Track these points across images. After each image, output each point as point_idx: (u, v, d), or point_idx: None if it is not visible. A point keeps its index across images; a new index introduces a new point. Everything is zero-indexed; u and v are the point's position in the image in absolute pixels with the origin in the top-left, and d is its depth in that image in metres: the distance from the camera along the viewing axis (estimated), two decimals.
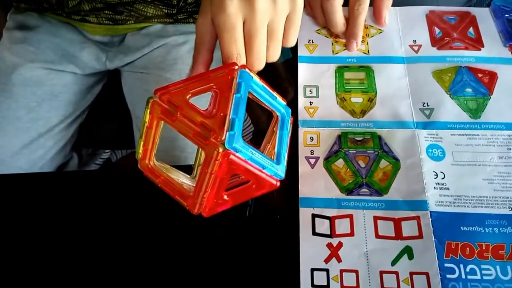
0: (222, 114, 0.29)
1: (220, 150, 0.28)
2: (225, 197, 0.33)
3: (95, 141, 0.80)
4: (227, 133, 0.28)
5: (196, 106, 0.31)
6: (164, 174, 0.34)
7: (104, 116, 0.76)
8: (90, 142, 0.80)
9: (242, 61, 0.34)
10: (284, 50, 0.81)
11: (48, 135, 0.67)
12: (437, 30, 0.47)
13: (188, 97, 0.31)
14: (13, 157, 0.63)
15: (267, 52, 0.36)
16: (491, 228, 0.36)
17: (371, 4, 0.46)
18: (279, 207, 0.40)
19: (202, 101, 0.34)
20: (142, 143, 0.33)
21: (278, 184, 0.33)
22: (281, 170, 0.33)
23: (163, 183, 0.33)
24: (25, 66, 0.65)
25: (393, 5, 0.48)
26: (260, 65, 0.36)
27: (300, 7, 0.36)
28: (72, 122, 0.71)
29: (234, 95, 0.30)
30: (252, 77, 0.32)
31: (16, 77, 0.64)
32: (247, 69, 0.32)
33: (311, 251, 0.36)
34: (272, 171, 0.32)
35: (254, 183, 0.32)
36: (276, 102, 0.35)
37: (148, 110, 0.31)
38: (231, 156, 0.29)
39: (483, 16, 0.48)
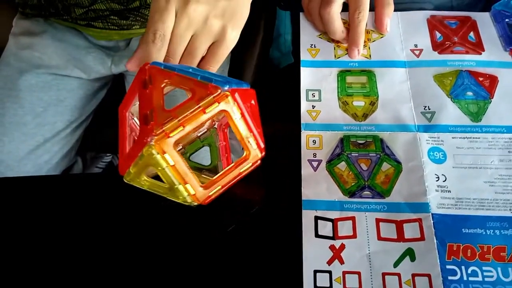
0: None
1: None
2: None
3: (98, 145, 0.81)
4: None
5: None
6: None
7: (108, 120, 0.77)
8: (94, 146, 0.81)
9: (165, 45, 0.36)
10: (285, 55, 0.82)
11: (54, 140, 0.68)
12: (438, 35, 0.48)
13: None
14: (20, 162, 0.64)
15: (181, 60, 0.38)
16: (492, 230, 0.37)
17: (372, 9, 0.47)
18: (281, 209, 0.40)
19: None
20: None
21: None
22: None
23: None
24: (32, 72, 0.66)
25: (394, 10, 0.48)
26: (174, 59, 0.37)
27: (228, 41, 0.39)
28: (77, 127, 0.72)
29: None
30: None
31: (22, 83, 0.65)
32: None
33: (314, 253, 0.36)
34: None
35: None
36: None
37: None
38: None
39: (484, 20, 0.48)
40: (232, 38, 0.39)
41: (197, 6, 0.36)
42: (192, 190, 0.31)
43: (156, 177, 0.33)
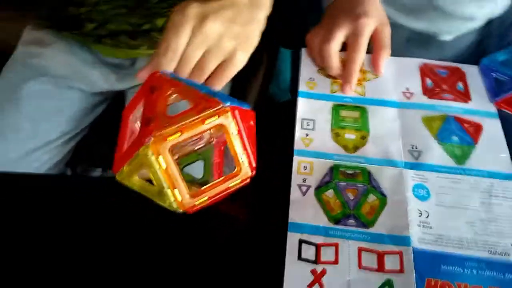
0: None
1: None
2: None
3: (90, 159, 0.81)
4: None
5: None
6: None
7: (103, 135, 0.78)
8: (85, 159, 0.81)
9: (176, 58, 0.38)
10: (283, 91, 0.85)
11: (44, 149, 0.68)
12: (428, 81, 0.51)
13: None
14: (9, 167, 0.64)
15: (191, 73, 0.40)
16: (470, 270, 0.37)
17: (369, 51, 0.50)
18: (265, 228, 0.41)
19: None
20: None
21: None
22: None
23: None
24: (36, 79, 0.67)
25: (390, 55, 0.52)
26: (182, 75, 0.39)
27: (236, 62, 0.41)
28: (70, 139, 0.72)
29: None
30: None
31: (25, 89, 0.66)
32: None
33: (295, 275, 0.37)
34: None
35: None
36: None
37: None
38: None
39: (472, 72, 0.52)
40: (241, 60, 0.41)
41: (213, 24, 0.38)
42: (179, 196, 0.32)
43: (148, 182, 0.34)
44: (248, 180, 0.37)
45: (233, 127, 0.33)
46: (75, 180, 0.59)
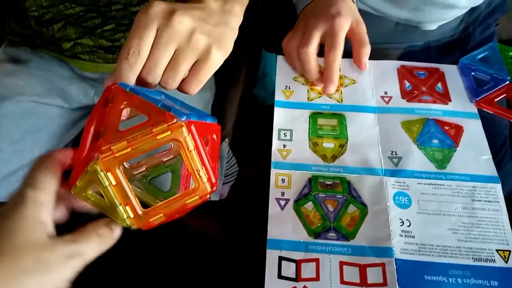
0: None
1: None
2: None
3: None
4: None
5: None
6: None
7: None
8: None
9: (140, 61, 0.34)
10: (270, 94, 0.83)
11: (28, 168, 0.67)
12: (407, 84, 0.50)
13: None
14: None
15: (162, 75, 0.36)
16: (454, 278, 0.37)
17: (345, 56, 0.49)
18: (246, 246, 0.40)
19: None
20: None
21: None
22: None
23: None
24: (13, 99, 0.66)
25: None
26: (152, 79, 0.36)
27: (212, 61, 0.37)
28: None
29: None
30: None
31: (2, 109, 0.65)
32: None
33: None
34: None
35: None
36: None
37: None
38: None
39: (451, 72, 0.51)
40: (217, 58, 0.37)
41: (182, 18, 0.34)
42: (131, 213, 0.31)
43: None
44: (208, 197, 0.35)
45: (189, 142, 0.31)
46: None
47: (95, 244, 0.30)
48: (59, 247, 0.28)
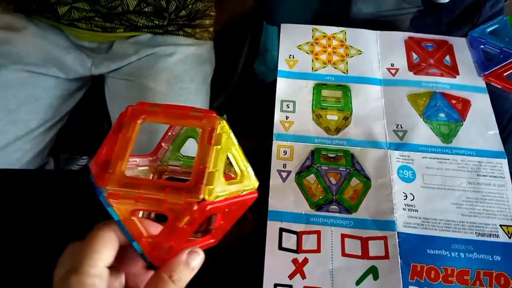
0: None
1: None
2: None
3: (73, 146, 0.79)
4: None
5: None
6: None
7: (85, 121, 0.75)
8: (68, 147, 0.79)
9: None
10: (271, 71, 0.82)
11: (26, 139, 0.66)
12: (414, 56, 0.48)
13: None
14: None
15: None
16: (457, 253, 0.36)
17: (347, 24, 0.47)
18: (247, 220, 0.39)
19: None
20: None
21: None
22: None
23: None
24: (8, 67, 0.64)
25: (374, 29, 0.49)
26: None
27: None
28: (51, 126, 0.70)
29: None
30: None
31: None
32: None
33: (276, 266, 0.35)
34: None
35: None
36: None
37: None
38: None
39: (460, 45, 0.49)
40: None
41: None
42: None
43: None
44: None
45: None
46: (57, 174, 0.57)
47: None
48: None
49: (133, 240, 0.27)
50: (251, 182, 0.31)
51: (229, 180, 0.29)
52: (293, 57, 0.48)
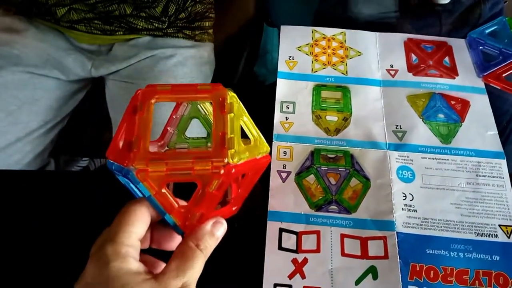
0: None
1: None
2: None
3: (74, 148, 0.79)
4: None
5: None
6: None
7: (85, 123, 0.75)
8: (69, 149, 0.79)
9: None
10: (271, 72, 0.82)
11: (26, 140, 0.66)
12: (414, 57, 0.48)
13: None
14: None
15: None
16: (456, 253, 0.36)
17: (348, 26, 0.47)
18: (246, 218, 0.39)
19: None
20: None
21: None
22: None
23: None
24: (8, 69, 0.64)
25: (373, 30, 0.49)
26: None
27: None
28: (52, 128, 0.70)
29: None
30: None
31: None
32: None
33: (275, 266, 0.35)
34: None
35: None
36: None
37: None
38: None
39: (459, 46, 0.50)
40: None
41: None
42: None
43: None
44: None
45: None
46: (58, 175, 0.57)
47: (201, 262, 0.28)
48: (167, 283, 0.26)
49: (165, 213, 0.29)
50: (264, 146, 0.33)
51: (246, 145, 0.31)
52: (293, 59, 0.48)
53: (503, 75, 0.46)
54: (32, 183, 0.44)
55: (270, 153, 0.41)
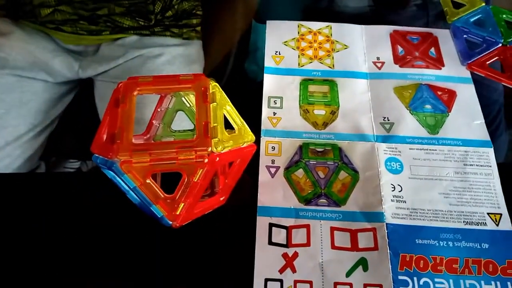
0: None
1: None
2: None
3: (64, 150, 0.78)
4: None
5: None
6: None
7: (75, 125, 0.75)
8: (59, 151, 0.79)
9: None
10: (262, 69, 0.82)
11: (15, 144, 0.66)
12: (400, 49, 0.48)
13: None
14: None
15: None
16: (445, 242, 0.37)
17: (335, 19, 0.47)
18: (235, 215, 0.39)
19: None
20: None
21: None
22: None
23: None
24: None
25: (359, 23, 0.49)
26: None
27: None
28: (41, 131, 0.69)
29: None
30: None
31: None
32: None
33: (266, 260, 0.36)
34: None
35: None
36: None
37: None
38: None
39: (445, 37, 0.50)
40: None
41: None
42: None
43: None
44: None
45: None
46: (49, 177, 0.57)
47: None
48: None
49: (151, 203, 0.29)
50: (249, 134, 0.33)
51: (230, 134, 0.32)
52: (280, 54, 0.48)
53: (487, 62, 0.46)
54: (28, 185, 0.44)
55: (258, 148, 0.41)
